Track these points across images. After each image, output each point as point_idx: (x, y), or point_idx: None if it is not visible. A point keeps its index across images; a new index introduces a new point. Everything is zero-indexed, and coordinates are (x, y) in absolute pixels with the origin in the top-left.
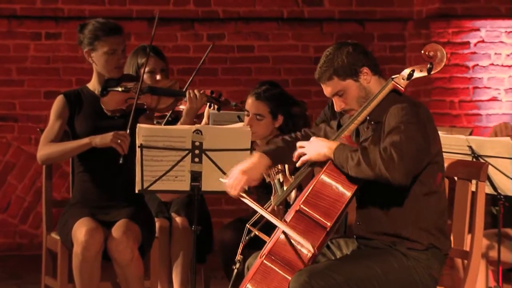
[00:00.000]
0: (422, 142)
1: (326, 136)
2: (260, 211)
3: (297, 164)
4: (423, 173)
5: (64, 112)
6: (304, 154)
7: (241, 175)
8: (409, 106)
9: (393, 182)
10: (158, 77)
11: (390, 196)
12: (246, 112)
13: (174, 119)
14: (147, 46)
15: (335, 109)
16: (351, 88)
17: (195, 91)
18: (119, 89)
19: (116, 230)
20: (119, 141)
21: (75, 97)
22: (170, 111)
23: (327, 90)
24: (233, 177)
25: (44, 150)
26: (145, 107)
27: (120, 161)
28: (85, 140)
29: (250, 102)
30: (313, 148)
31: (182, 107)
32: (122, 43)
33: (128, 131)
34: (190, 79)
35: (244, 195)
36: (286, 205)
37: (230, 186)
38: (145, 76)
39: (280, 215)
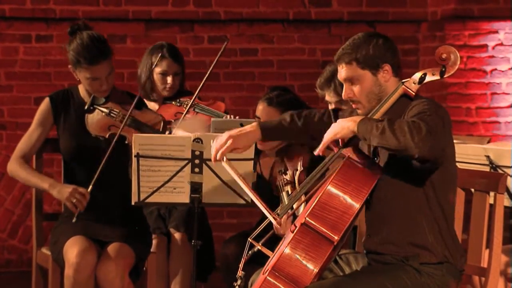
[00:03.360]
0: (444, 131)
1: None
2: (239, 181)
3: (319, 150)
4: (436, 177)
5: (48, 119)
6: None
7: (228, 139)
8: (432, 102)
9: (416, 153)
10: (169, 80)
11: (402, 204)
12: (256, 119)
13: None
14: (165, 46)
15: (343, 96)
16: (366, 79)
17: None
18: (105, 110)
19: (107, 256)
20: (74, 200)
21: (63, 100)
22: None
23: (341, 72)
24: (220, 141)
25: (13, 166)
26: (126, 142)
27: (74, 220)
28: (45, 185)
29: (261, 108)
30: (337, 125)
31: (188, 116)
32: (106, 70)
33: (101, 165)
34: (201, 84)
35: (226, 160)
36: (294, 218)
37: (215, 149)
38: (156, 76)
39: (288, 227)
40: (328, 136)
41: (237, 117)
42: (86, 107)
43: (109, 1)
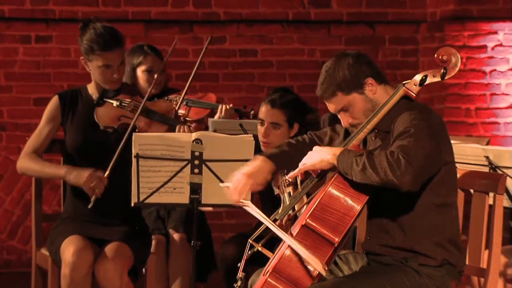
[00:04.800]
0: (433, 148)
1: (331, 141)
2: (266, 222)
3: (293, 174)
4: (433, 182)
5: (57, 116)
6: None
7: (246, 178)
8: (419, 112)
9: (400, 188)
10: (156, 76)
11: (402, 208)
12: (260, 122)
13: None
14: (144, 45)
15: (343, 125)
16: (356, 101)
17: (185, 127)
18: (115, 103)
19: (105, 255)
20: (92, 184)
21: (71, 99)
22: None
23: (331, 107)
24: (238, 181)
25: (24, 162)
26: (137, 130)
27: (90, 205)
28: (61, 173)
29: (265, 110)
30: (316, 155)
31: (182, 111)
32: (118, 58)
33: (116, 154)
34: (191, 77)
35: (249, 202)
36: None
37: (235, 190)
38: (141, 75)
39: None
40: (305, 166)
41: (226, 106)
42: (95, 101)
43: (108, 2)
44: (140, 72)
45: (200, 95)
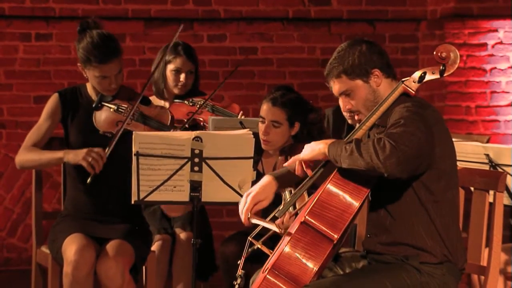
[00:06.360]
0: (422, 138)
1: None
2: (274, 228)
3: (296, 172)
4: (427, 177)
5: (56, 113)
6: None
7: (247, 197)
8: (412, 106)
9: (385, 172)
10: (182, 77)
11: (402, 206)
12: (260, 119)
13: (192, 127)
14: (181, 44)
15: (342, 110)
16: (359, 89)
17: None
18: (112, 107)
19: (107, 253)
20: (90, 159)
21: (71, 97)
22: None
23: (334, 87)
24: (241, 202)
25: (22, 155)
26: None
27: (88, 181)
28: (59, 154)
29: (265, 108)
30: (310, 147)
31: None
32: (115, 68)
33: (107, 151)
34: (218, 85)
35: (254, 220)
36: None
37: (240, 211)
38: (169, 73)
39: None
40: (301, 158)
41: (242, 116)
42: (94, 105)
43: (108, 0)
44: (168, 70)
45: (225, 104)
